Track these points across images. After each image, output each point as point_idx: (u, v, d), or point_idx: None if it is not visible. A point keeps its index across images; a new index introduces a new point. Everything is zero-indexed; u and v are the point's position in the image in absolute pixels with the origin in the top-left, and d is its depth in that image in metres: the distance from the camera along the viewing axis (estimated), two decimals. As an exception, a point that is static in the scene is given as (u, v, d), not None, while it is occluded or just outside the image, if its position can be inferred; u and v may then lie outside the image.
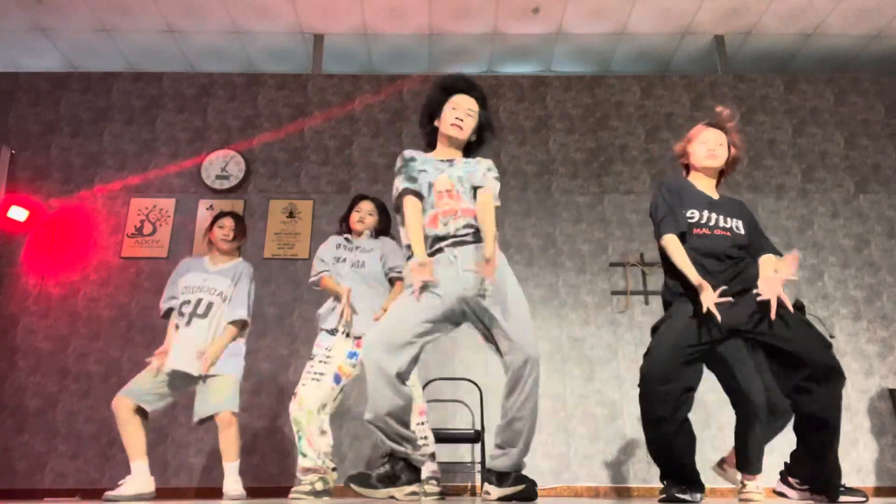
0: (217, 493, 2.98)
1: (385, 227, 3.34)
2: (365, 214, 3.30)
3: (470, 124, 2.40)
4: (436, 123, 2.43)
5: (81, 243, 4.90)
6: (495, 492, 2.08)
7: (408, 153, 2.33)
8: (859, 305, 4.78)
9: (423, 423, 2.90)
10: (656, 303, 4.79)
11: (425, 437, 2.85)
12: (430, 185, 2.26)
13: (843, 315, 4.75)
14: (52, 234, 4.92)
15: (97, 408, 4.47)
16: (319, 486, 2.79)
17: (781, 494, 2.41)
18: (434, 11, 5.35)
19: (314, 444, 2.79)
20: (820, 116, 5.36)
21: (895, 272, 4.88)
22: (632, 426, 4.45)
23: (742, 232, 2.36)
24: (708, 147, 2.43)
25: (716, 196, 2.46)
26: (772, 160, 5.22)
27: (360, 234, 3.29)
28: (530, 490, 2.05)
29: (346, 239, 3.29)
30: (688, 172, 2.55)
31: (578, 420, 4.48)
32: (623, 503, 2.43)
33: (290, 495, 2.62)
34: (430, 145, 2.46)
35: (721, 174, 2.52)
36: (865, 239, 4.98)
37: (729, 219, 2.37)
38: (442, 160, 2.36)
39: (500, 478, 2.10)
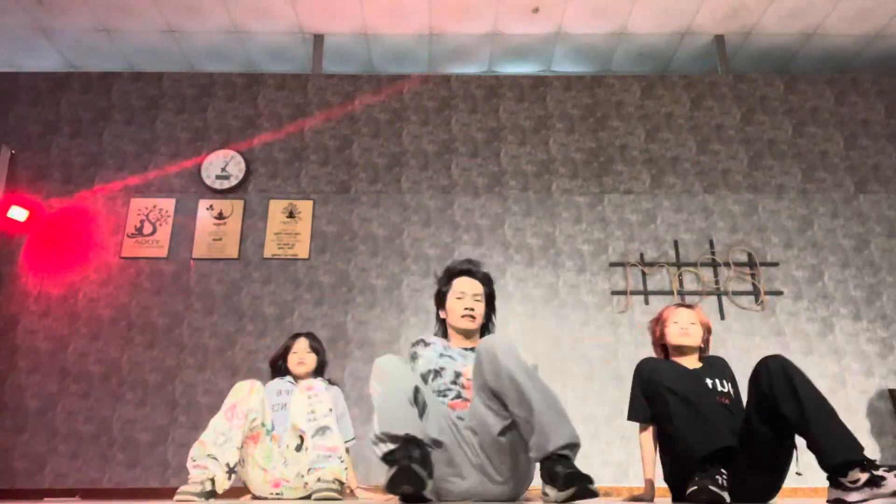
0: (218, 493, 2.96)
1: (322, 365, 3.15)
2: (303, 353, 3.09)
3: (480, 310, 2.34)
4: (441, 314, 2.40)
5: (81, 243, 4.90)
6: (552, 494, 1.68)
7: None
8: (859, 305, 4.78)
9: None
10: (656, 303, 4.79)
11: None
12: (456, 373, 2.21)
13: (843, 315, 4.75)
14: (52, 234, 4.92)
15: (97, 408, 4.47)
16: (209, 486, 2.45)
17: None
18: (434, 11, 5.35)
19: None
20: (820, 116, 5.36)
21: (895, 272, 4.88)
22: (632, 426, 4.43)
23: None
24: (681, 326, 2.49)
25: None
26: (772, 160, 5.22)
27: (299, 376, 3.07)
28: (583, 490, 1.61)
29: (291, 382, 3.05)
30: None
31: (578, 420, 4.45)
32: (623, 503, 2.43)
33: (176, 496, 2.35)
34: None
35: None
36: (865, 239, 4.98)
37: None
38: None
39: (552, 477, 1.69)
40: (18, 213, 4.85)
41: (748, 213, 5.05)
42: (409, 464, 1.65)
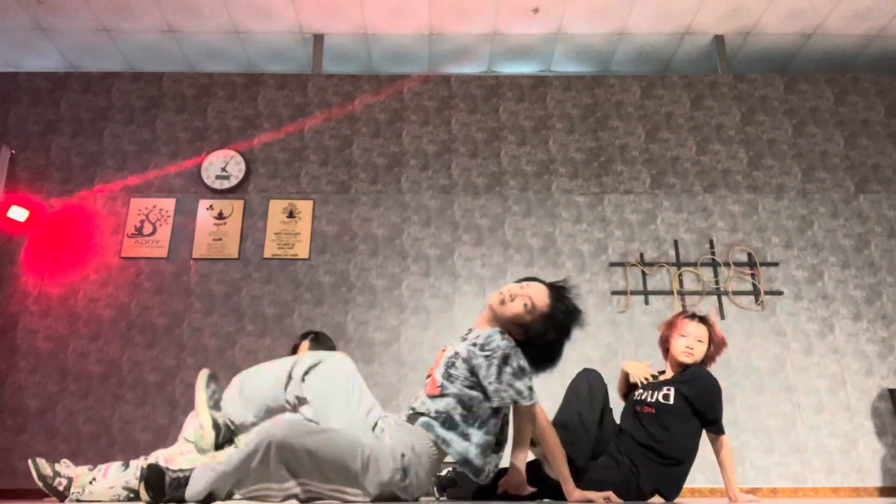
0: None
1: None
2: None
3: (514, 309, 2.05)
4: None
5: (81, 243, 4.90)
6: None
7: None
8: (859, 305, 4.78)
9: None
10: (656, 303, 4.79)
11: None
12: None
13: (843, 315, 4.75)
14: (52, 234, 4.92)
15: (97, 408, 4.47)
16: None
17: None
18: (434, 11, 5.35)
19: None
20: (820, 116, 5.36)
21: (895, 272, 4.88)
22: (632, 426, 4.44)
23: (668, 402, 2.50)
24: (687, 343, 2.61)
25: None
26: (772, 160, 5.22)
27: None
28: None
29: None
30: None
31: (578, 420, 4.48)
32: (622, 502, 2.43)
33: None
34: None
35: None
36: (865, 239, 4.98)
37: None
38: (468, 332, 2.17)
39: None
40: (18, 213, 4.84)
41: (748, 213, 5.05)
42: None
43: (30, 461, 2.51)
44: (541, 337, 2.05)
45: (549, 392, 4.56)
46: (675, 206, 5.08)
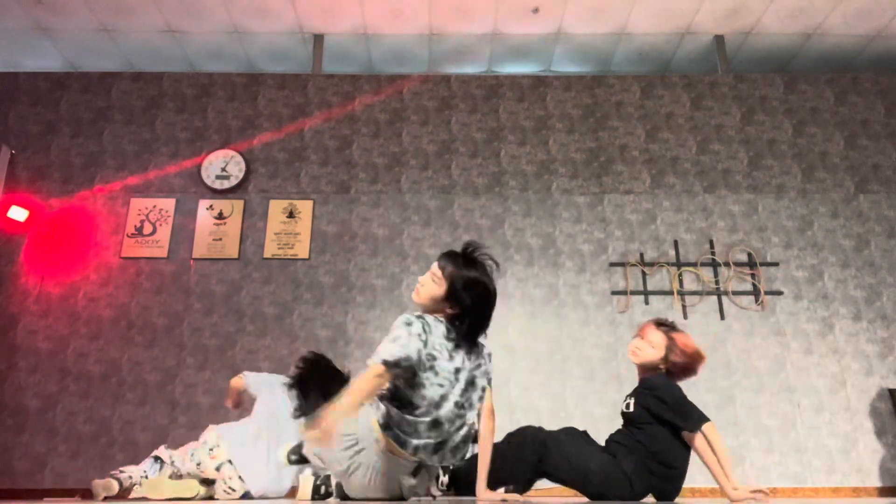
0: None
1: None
2: None
3: (428, 289, 2.12)
4: None
5: (81, 243, 4.90)
6: None
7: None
8: (859, 305, 4.78)
9: None
10: (656, 303, 4.79)
11: None
12: None
13: (843, 315, 4.75)
14: (52, 234, 4.92)
15: (97, 408, 4.47)
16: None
17: None
18: (434, 11, 5.35)
19: None
20: (820, 116, 5.36)
21: (895, 272, 4.88)
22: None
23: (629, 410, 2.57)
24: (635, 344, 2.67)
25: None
26: (772, 160, 5.22)
27: None
28: None
29: None
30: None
31: (578, 420, 4.47)
32: (621, 503, 2.43)
33: None
34: None
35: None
36: (865, 239, 4.97)
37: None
38: None
39: None
40: (18, 213, 4.85)
41: (748, 213, 5.05)
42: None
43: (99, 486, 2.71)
44: (464, 298, 2.08)
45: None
46: (675, 206, 5.08)
